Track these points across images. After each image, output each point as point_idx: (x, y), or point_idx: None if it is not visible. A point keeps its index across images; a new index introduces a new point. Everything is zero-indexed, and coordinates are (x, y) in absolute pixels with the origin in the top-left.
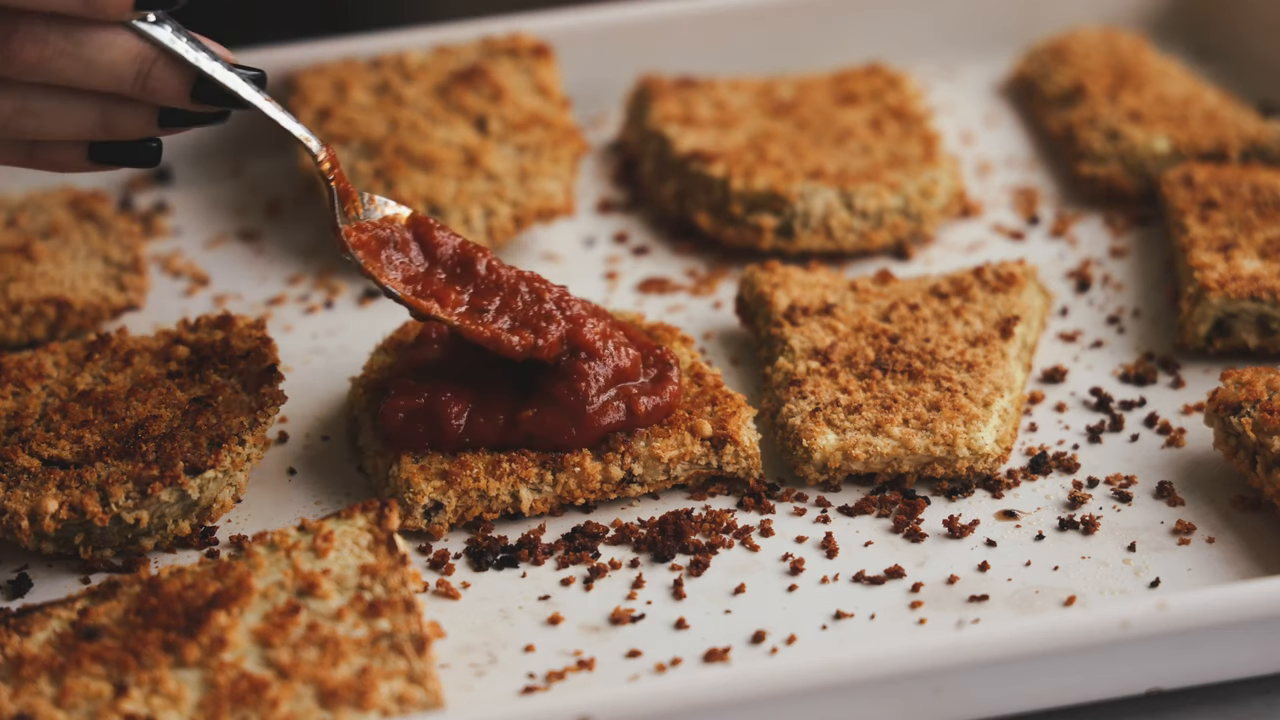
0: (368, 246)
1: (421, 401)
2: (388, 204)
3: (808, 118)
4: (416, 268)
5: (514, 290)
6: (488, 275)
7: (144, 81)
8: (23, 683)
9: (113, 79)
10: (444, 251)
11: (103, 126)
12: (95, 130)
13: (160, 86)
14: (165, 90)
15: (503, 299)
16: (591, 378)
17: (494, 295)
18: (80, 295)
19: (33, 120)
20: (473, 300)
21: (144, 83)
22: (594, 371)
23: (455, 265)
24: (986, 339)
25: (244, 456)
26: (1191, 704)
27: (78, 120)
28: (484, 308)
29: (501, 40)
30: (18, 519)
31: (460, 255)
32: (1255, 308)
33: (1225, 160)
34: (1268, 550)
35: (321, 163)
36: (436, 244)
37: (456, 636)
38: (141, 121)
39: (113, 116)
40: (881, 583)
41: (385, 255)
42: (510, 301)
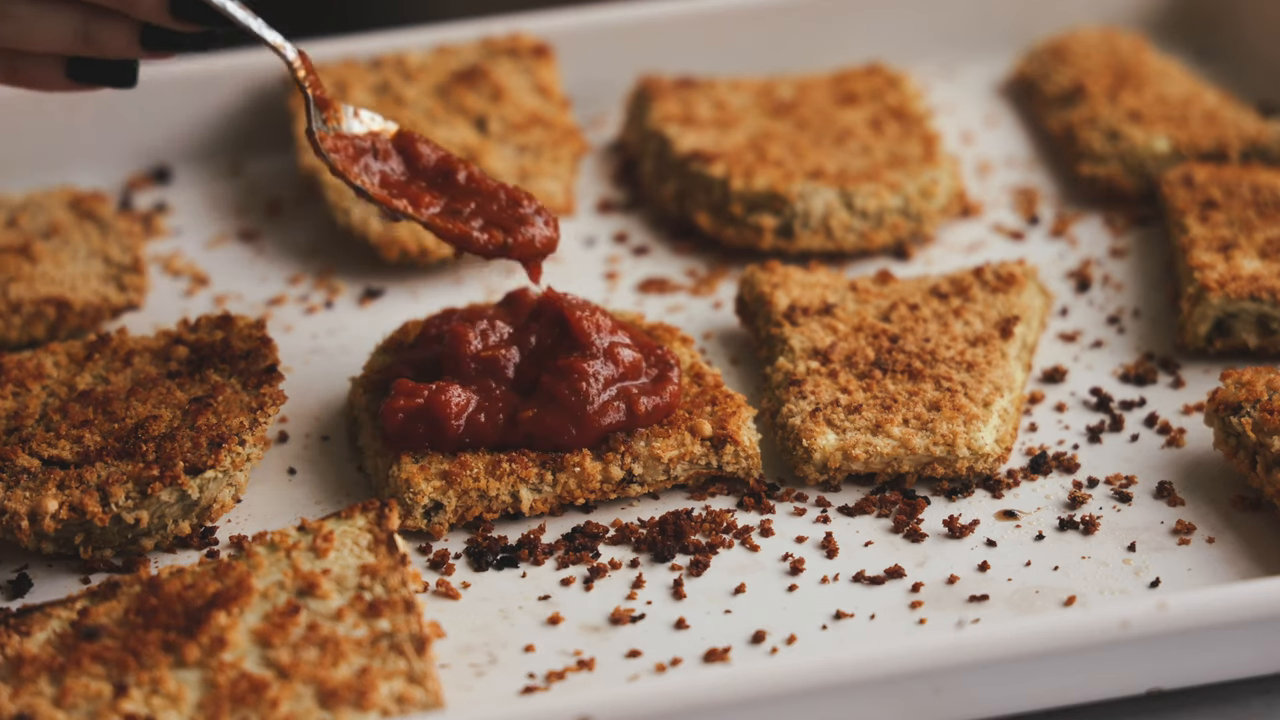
0: (344, 152)
1: (421, 401)
2: (375, 119)
3: (808, 118)
4: (395, 176)
5: (492, 196)
6: (467, 183)
7: None
8: (23, 683)
9: None
10: (425, 163)
11: (84, 38)
12: (76, 43)
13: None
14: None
15: (479, 203)
16: (591, 377)
17: (471, 199)
18: (80, 295)
19: (13, 25)
20: (448, 204)
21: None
22: (594, 371)
23: (436, 175)
24: (986, 339)
25: (244, 456)
26: (1191, 704)
27: (58, 28)
28: (458, 210)
29: (501, 40)
30: (18, 519)
31: (441, 165)
32: (1255, 308)
33: (1225, 160)
34: (1268, 550)
35: (296, 69)
36: (418, 155)
37: (456, 636)
38: (123, 38)
39: (94, 28)
40: (881, 583)
41: (363, 162)
42: (486, 206)
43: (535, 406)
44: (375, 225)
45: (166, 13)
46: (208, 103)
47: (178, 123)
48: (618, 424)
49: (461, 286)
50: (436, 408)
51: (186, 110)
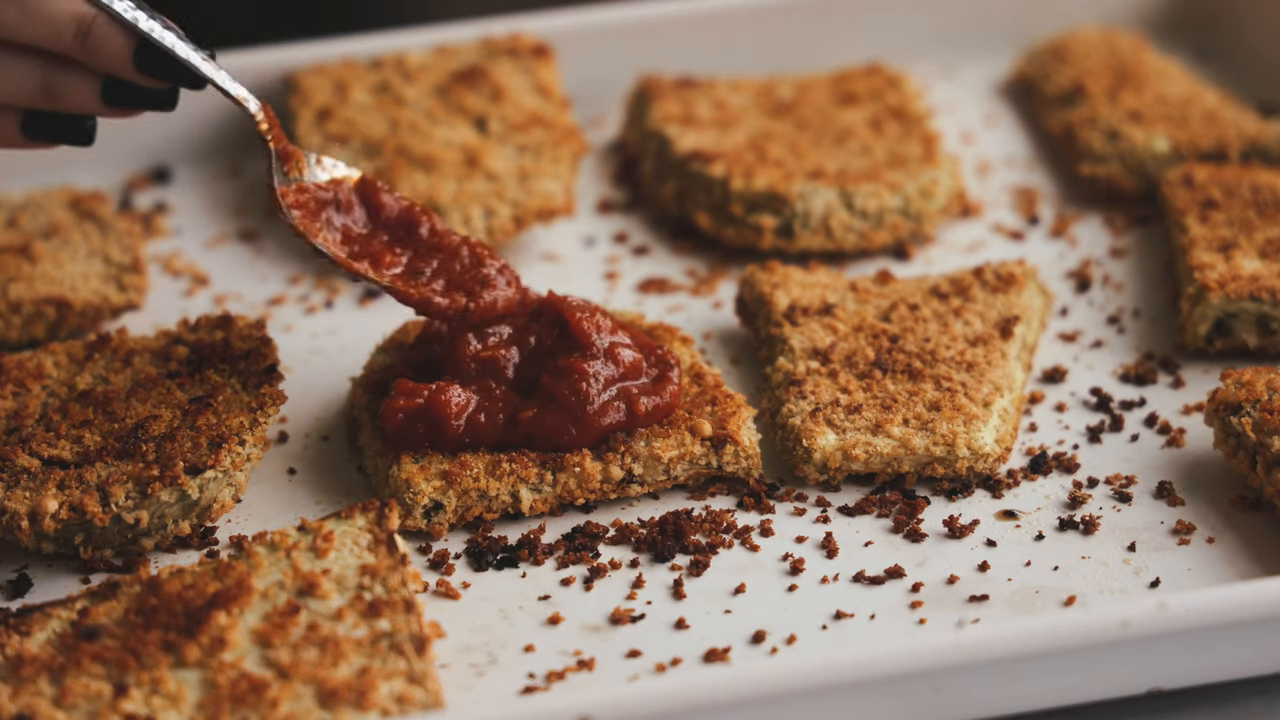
0: (306, 207)
1: (421, 402)
2: (337, 166)
3: (808, 118)
4: (358, 229)
5: (454, 254)
6: (429, 238)
7: (84, 39)
8: (23, 683)
9: (51, 31)
10: (388, 214)
11: (44, 90)
12: (36, 94)
13: (101, 45)
14: (106, 50)
15: (441, 261)
16: (592, 377)
17: (433, 257)
18: (80, 295)
19: None
20: (410, 262)
21: (84, 40)
22: (594, 371)
23: (398, 227)
24: (986, 339)
25: (244, 456)
26: (1191, 704)
27: (18, 80)
28: (421, 269)
29: (501, 40)
30: (18, 519)
31: (403, 217)
32: (1255, 308)
33: (1225, 160)
34: (1268, 550)
35: (259, 123)
36: (381, 206)
37: (456, 636)
38: (85, 92)
39: (55, 80)
40: (881, 583)
41: (325, 216)
42: (449, 265)
43: (535, 406)
44: None
45: (130, 66)
46: (208, 103)
47: (178, 123)
48: (618, 424)
49: None
50: (436, 408)
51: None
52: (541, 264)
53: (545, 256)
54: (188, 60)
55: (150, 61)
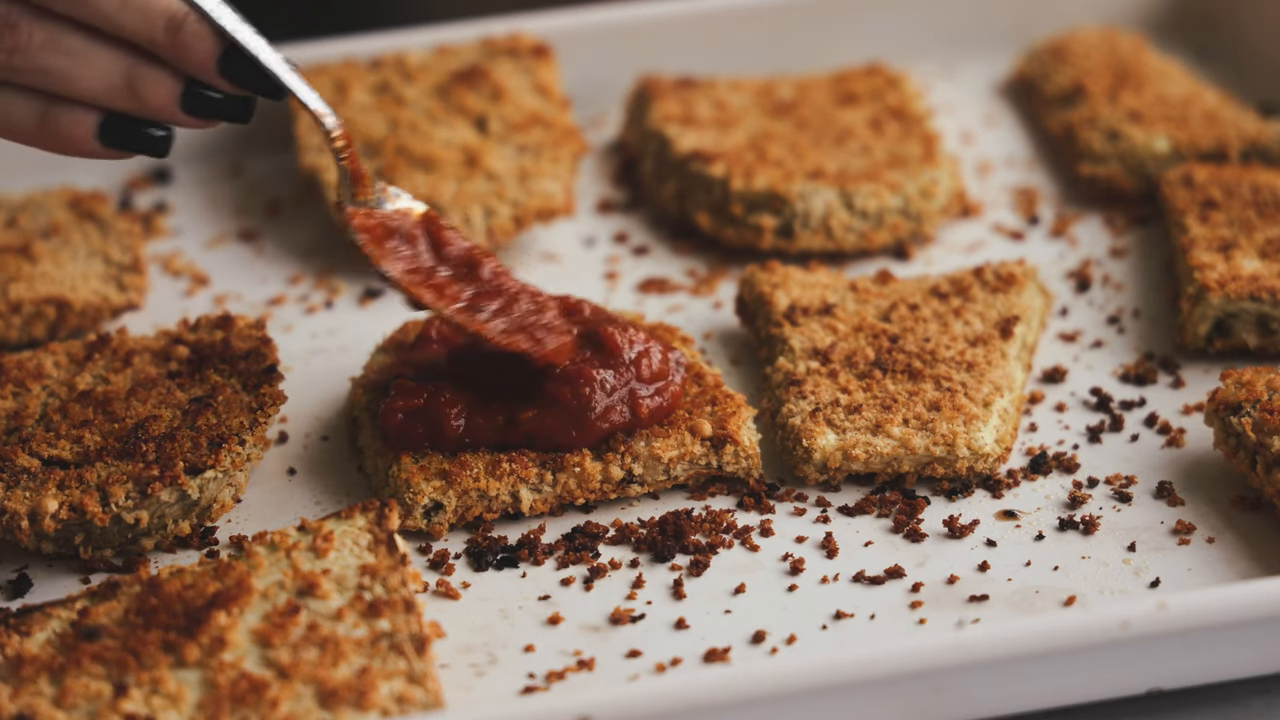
0: (373, 232)
1: (421, 402)
2: (401, 196)
3: (808, 118)
4: (421, 261)
5: (514, 298)
6: (491, 280)
7: (175, 33)
8: (23, 683)
9: (145, 22)
10: (451, 251)
11: (127, 85)
12: (120, 90)
13: (191, 43)
14: (195, 49)
15: (502, 304)
16: (598, 384)
17: (494, 298)
18: (80, 295)
19: (62, 59)
20: (472, 300)
21: (175, 34)
22: (601, 378)
23: (461, 265)
24: (986, 339)
25: (244, 456)
26: (1191, 704)
27: (105, 69)
28: (481, 307)
29: (501, 40)
30: (18, 519)
31: (467, 257)
32: (1255, 308)
33: (1225, 160)
34: (1268, 550)
35: (336, 140)
36: (445, 243)
37: (456, 636)
38: (166, 93)
39: (139, 76)
40: (881, 583)
41: (391, 245)
42: (508, 307)
43: (536, 407)
44: None
45: (214, 68)
46: None
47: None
48: (620, 426)
49: None
50: (436, 408)
51: None
52: (541, 264)
53: (545, 256)
54: (272, 69)
55: (235, 66)
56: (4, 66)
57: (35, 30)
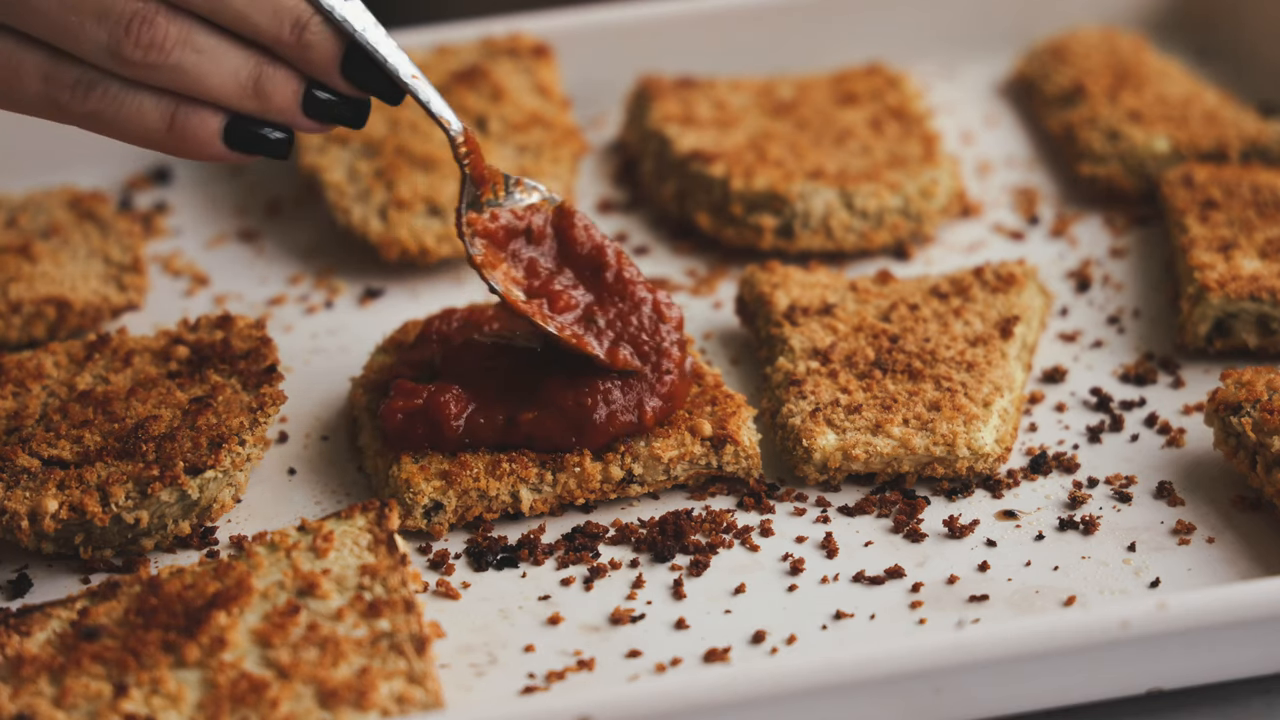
0: (494, 236)
1: (420, 402)
2: (537, 189)
3: (808, 118)
4: (545, 264)
5: (635, 307)
6: (614, 284)
7: (300, 32)
8: (23, 683)
9: (274, 21)
10: (579, 250)
11: (254, 85)
12: (247, 90)
13: (316, 42)
14: (319, 48)
15: (619, 312)
16: (603, 396)
17: (611, 306)
18: (80, 295)
19: (193, 56)
20: (587, 308)
21: (300, 34)
22: (606, 389)
23: (586, 267)
24: (986, 339)
25: (244, 456)
26: (1191, 704)
27: (234, 69)
28: (595, 317)
29: (501, 40)
30: (18, 519)
31: (592, 257)
32: (1255, 308)
33: (1225, 160)
34: (1268, 550)
35: (459, 145)
36: (574, 240)
37: (456, 636)
38: (289, 95)
39: (265, 74)
40: (881, 583)
41: (513, 247)
42: (626, 317)
43: (536, 410)
44: (375, 225)
45: (337, 70)
46: None
47: None
48: (623, 432)
49: (462, 286)
50: (436, 408)
51: None
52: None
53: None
54: (395, 72)
55: (357, 69)
56: (140, 64)
57: (171, 25)
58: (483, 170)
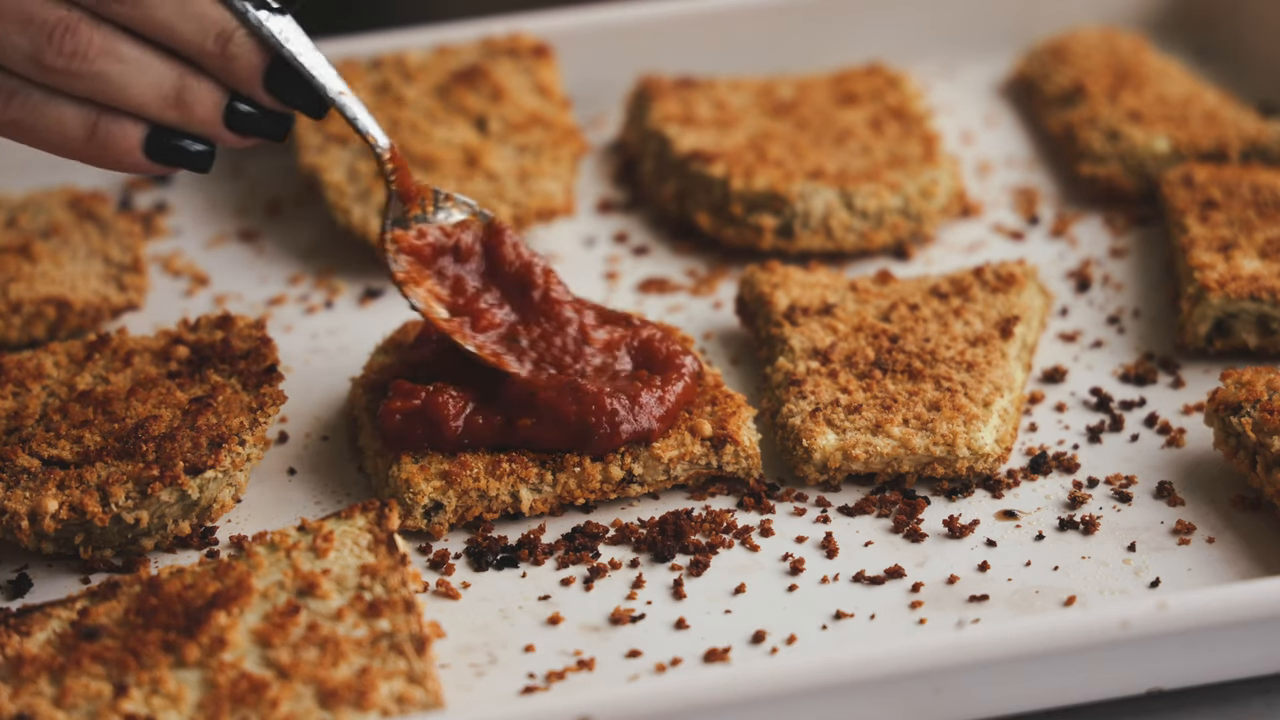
0: (420, 253)
1: (419, 403)
2: (468, 205)
3: (808, 118)
4: (472, 281)
5: (560, 327)
6: (540, 304)
7: (224, 44)
8: (23, 683)
9: (198, 32)
10: (507, 268)
11: (176, 96)
12: (168, 100)
13: (239, 54)
14: (242, 60)
15: (543, 333)
16: (608, 417)
17: (536, 326)
18: (80, 295)
19: (116, 65)
20: (511, 328)
21: (224, 46)
22: (611, 408)
23: (513, 285)
24: (986, 339)
25: (244, 456)
26: (1191, 704)
27: (156, 79)
28: (518, 337)
29: (501, 40)
30: (18, 519)
31: (520, 275)
32: (1255, 308)
33: (1225, 160)
34: (1268, 550)
35: (386, 162)
36: (503, 259)
37: (456, 636)
38: (211, 105)
39: (188, 85)
40: (881, 583)
41: (439, 264)
42: (550, 338)
43: (534, 417)
44: (375, 225)
45: (260, 83)
46: None
47: None
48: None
49: None
50: (434, 409)
51: None
52: None
53: (545, 256)
54: (323, 86)
55: (280, 82)
56: (62, 72)
57: (94, 35)
58: (410, 186)
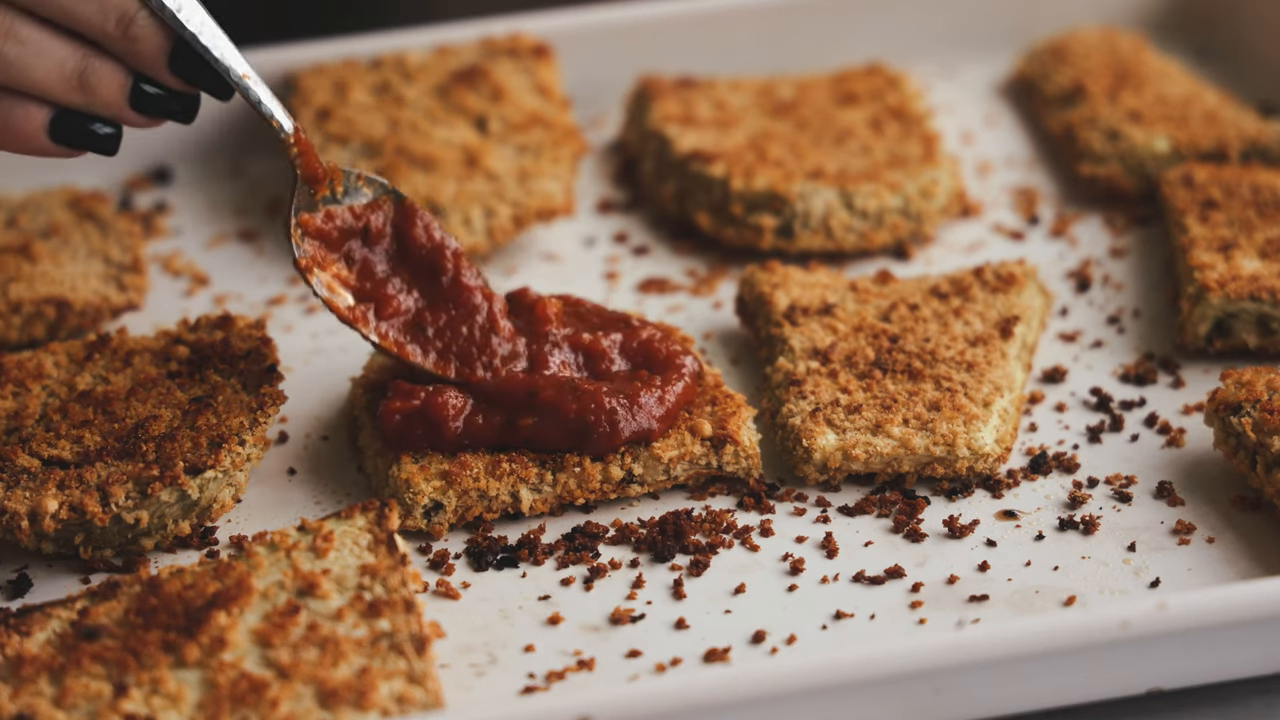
0: (327, 236)
1: (418, 403)
2: (379, 184)
3: (808, 118)
4: (380, 265)
5: (469, 314)
6: (448, 289)
7: (126, 26)
8: (23, 683)
9: (99, 13)
10: (416, 251)
11: (78, 78)
12: (71, 83)
13: (142, 35)
14: (145, 42)
15: (449, 320)
16: (607, 416)
17: (442, 312)
18: (80, 295)
19: (15, 47)
20: (417, 315)
21: (126, 28)
22: (610, 407)
23: (422, 269)
24: (986, 339)
25: (244, 456)
26: (1191, 704)
27: (58, 61)
28: (424, 325)
29: (501, 40)
30: (18, 519)
31: (429, 259)
32: (1255, 308)
33: (1225, 160)
34: (1268, 550)
35: (290, 146)
36: (413, 241)
37: (456, 636)
38: (115, 88)
39: (90, 69)
40: (881, 583)
41: (347, 247)
42: (456, 326)
43: (535, 416)
44: None
45: (164, 64)
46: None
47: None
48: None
49: None
50: (434, 409)
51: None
52: (541, 264)
53: (545, 256)
54: (227, 69)
55: (184, 64)
56: None
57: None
58: (316, 169)
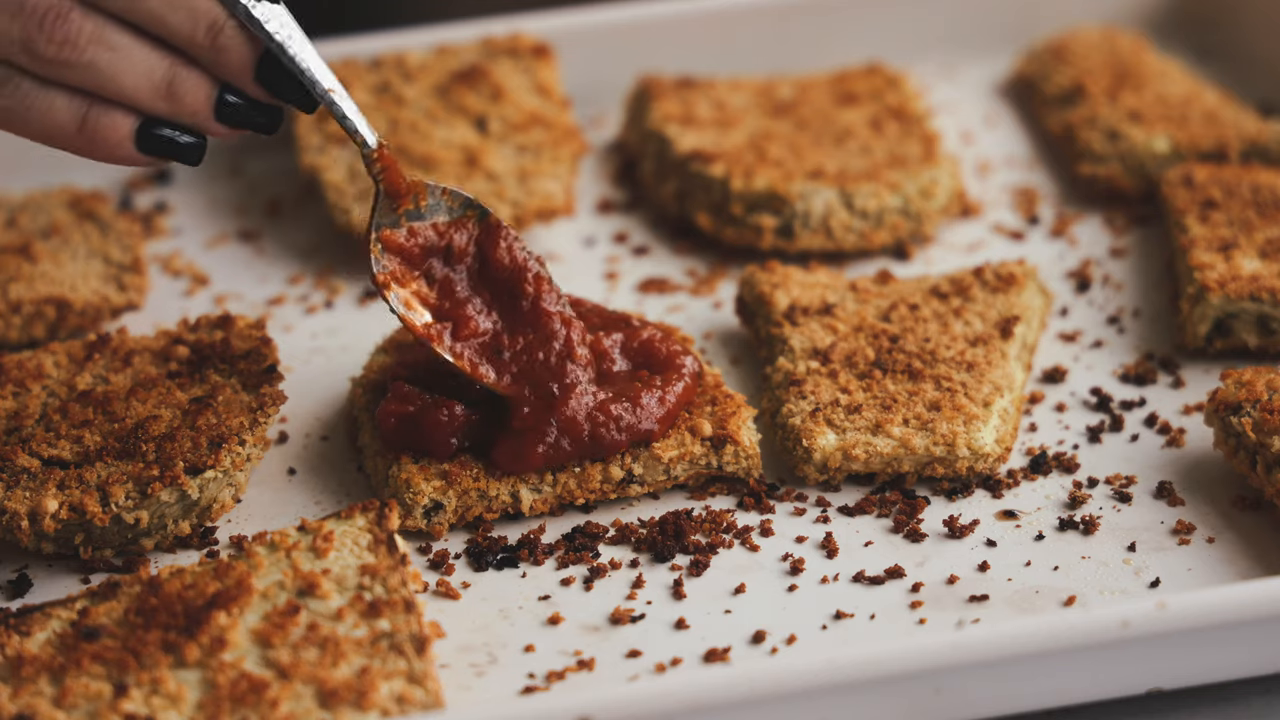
0: (409, 253)
1: (413, 410)
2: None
3: (808, 118)
4: (460, 284)
5: (547, 340)
6: (528, 313)
7: (215, 35)
8: (23, 683)
9: (189, 23)
10: (498, 271)
11: (166, 87)
12: (160, 92)
13: (229, 46)
14: (233, 52)
15: (527, 344)
16: (612, 420)
17: (521, 335)
18: (80, 295)
19: (106, 54)
20: (495, 337)
21: (215, 38)
22: (616, 414)
23: (503, 290)
24: (986, 339)
25: (244, 456)
26: (1191, 704)
27: (147, 70)
28: (501, 348)
29: (501, 40)
30: (18, 519)
31: (511, 280)
32: (1255, 308)
33: (1225, 160)
34: (1268, 550)
35: (375, 160)
36: (495, 261)
37: (456, 636)
38: (201, 98)
39: (178, 78)
40: (881, 583)
41: (428, 265)
42: (533, 350)
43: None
44: None
45: (250, 75)
46: None
47: None
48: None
49: None
50: (428, 426)
51: None
52: None
53: (545, 256)
54: (313, 82)
55: (270, 75)
56: (54, 60)
57: (85, 22)
58: (399, 185)
